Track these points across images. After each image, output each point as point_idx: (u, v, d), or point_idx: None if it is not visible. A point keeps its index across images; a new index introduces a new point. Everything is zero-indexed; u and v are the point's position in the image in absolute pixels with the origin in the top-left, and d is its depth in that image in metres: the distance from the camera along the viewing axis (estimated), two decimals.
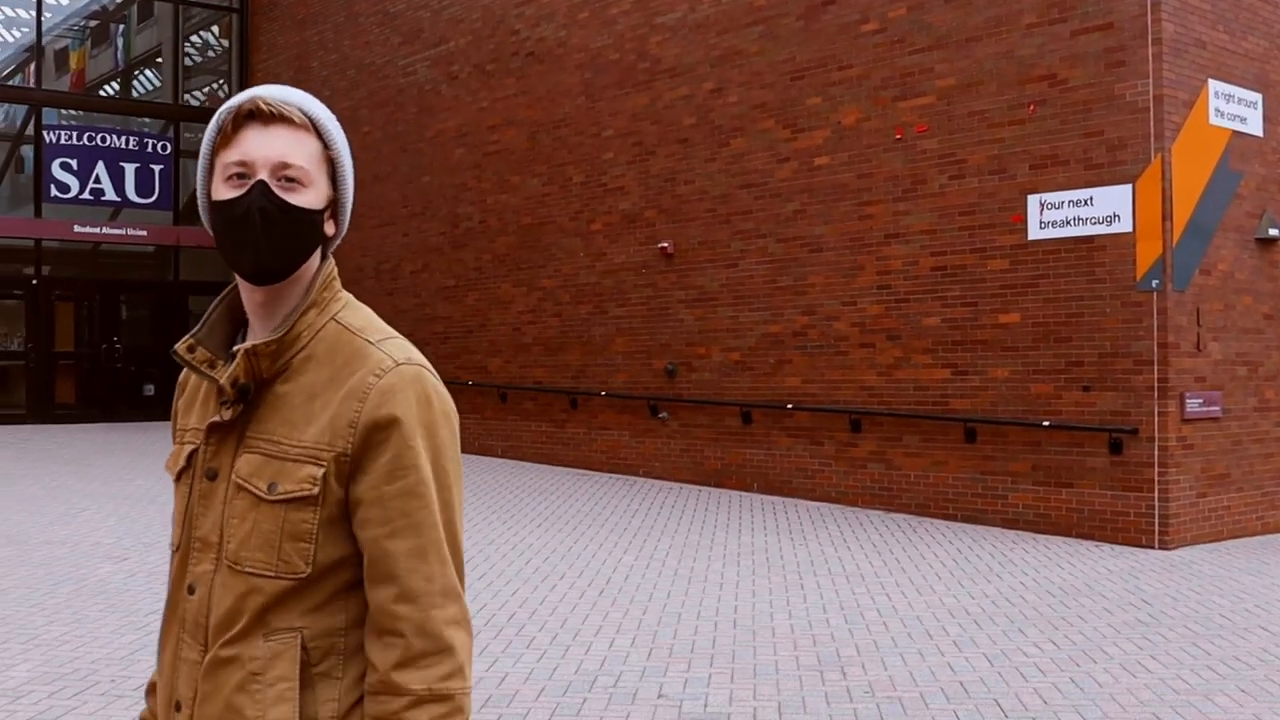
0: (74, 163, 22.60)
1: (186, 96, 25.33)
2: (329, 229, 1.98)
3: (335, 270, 2.01)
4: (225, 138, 1.90)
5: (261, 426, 1.92)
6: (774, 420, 13.87)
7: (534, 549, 10.34)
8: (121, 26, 26.70)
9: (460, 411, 1.50)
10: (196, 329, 2.00)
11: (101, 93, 26.06)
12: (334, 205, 1.98)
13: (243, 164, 1.88)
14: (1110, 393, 11.16)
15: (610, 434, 15.90)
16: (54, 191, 22.51)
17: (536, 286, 17.03)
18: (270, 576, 1.85)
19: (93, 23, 26.41)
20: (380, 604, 1.84)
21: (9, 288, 23.01)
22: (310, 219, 1.91)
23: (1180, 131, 11.04)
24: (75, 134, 22.84)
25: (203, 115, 24.90)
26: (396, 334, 2.00)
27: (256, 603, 1.86)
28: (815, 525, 11.73)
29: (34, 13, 24.01)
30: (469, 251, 18.24)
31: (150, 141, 23.60)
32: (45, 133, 22.58)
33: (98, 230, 23.08)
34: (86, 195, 22.75)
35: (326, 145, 1.94)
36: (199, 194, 1.97)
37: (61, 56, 25.80)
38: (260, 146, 1.88)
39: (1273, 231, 11.94)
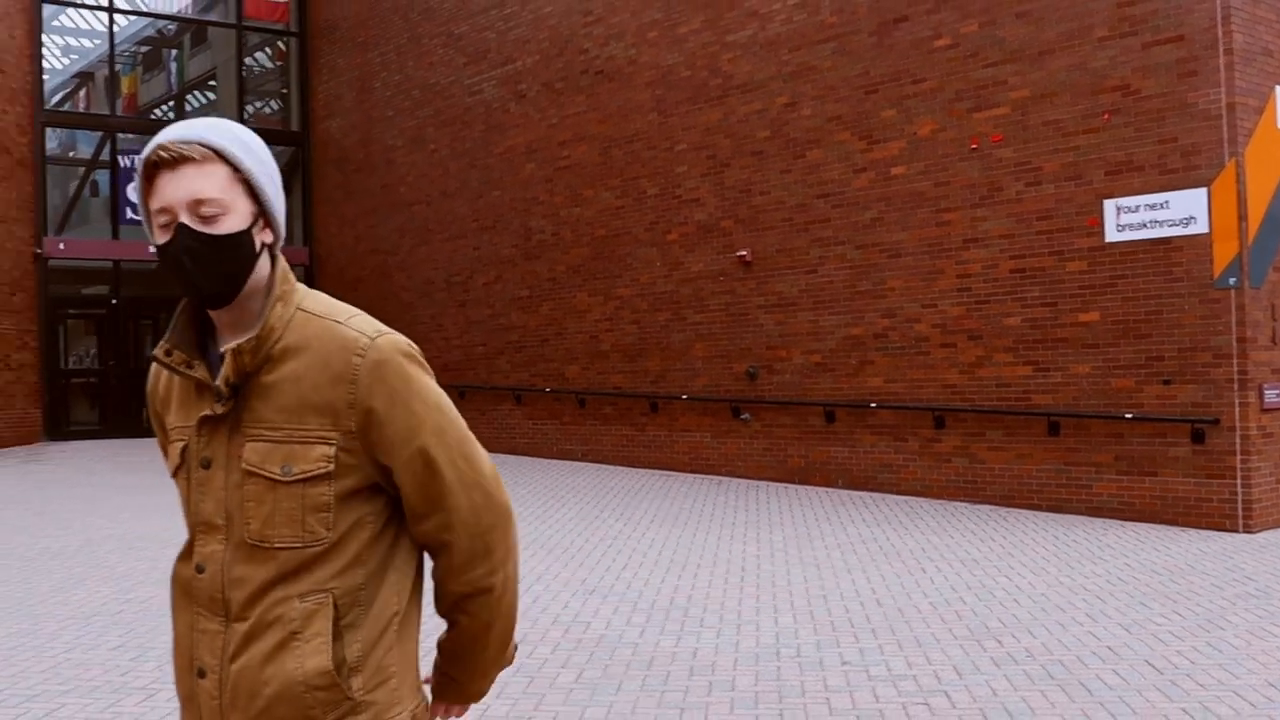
0: None
1: (248, 119, 25.98)
2: (266, 236, 2.14)
3: (287, 266, 2.18)
4: (147, 187, 2.07)
5: (257, 416, 2.10)
6: (857, 419, 14.53)
7: (659, 543, 11.01)
8: (174, 52, 27.42)
9: (538, 418, 1.96)
10: (168, 334, 2.16)
11: (152, 115, 26.79)
12: (262, 215, 2.12)
13: (163, 210, 2.04)
14: (1191, 385, 11.79)
15: (692, 435, 16.57)
16: (129, 214, 23.23)
17: (613, 296, 17.70)
18: (299, 547, 2.07)
19: (144, 48, 27.11)
20: (426, 533, 2.16)
21: (88, 308, 23.74)
22: (237, 241, 2.06)
23: (1251, 136, 11.68)
24: None
25: (269, 138, 25.58)
26: (356, 311, 2.18)
27: (286, 571, 2.07)
28: (910, 517, 12.39)
29: (84, 41, 24.76)
30: (542, 263, 18.92)
31: None
32: (120, 158, 23.30)
33: None
34: None
35: (237, 168, 2.06)
36: (149, 239, 2.14)
37: (113, 82, 26.54)
38: (172, 190, 2.03)
39: None
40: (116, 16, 24.60)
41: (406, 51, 21.89)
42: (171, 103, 27.15)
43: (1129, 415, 12.13)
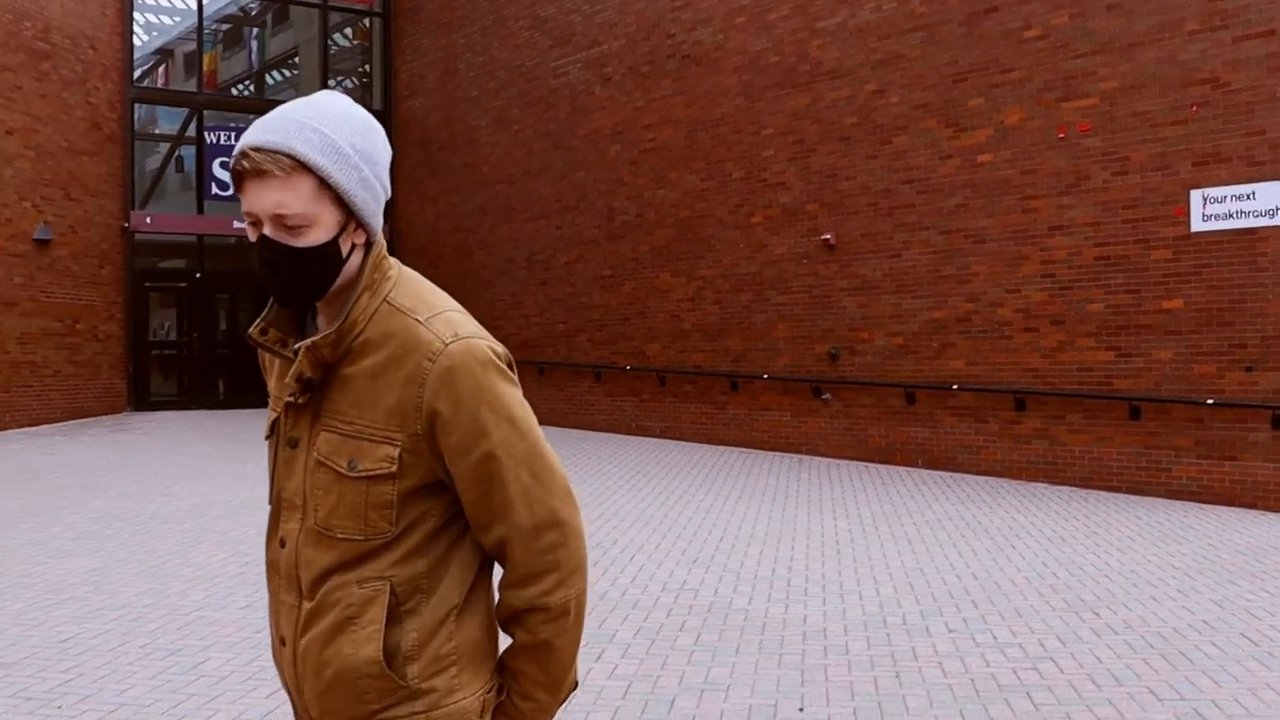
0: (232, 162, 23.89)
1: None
2: (358, 238, 2.09)
3: (383, 250, 2.14)
4: (237, 188, 2.04)
5: (333, 406, 2.10)
6: (938, 400, 14.83)
7: (750, 517, 11.39)
8: (255, 30, 27.93)
9: (618, 394, 2.06)
10: (265, 312, 2.18)
11: (237, 93, 27.34)
12: (352, 220, 2.06)
13: (249, 215, 2.03)
14: (1273, 373, 12.01)
15: (772, 414, 16.92)
16: (214, 190, 23.83)
17: (695, 276, 18.07)
18: (360, 540, 2.08)
19: (225, 26, 27.62)
20: (489, 544, 2.12)
21: (171, 281, 24.41)
22: (318, 253, 2.03)
23: None
24: (234, 135, 24.13)
25: None
26: (445, 307, 2.13)
27: (350, 559, 2.09)
28: (992, 496, 12.70)
29: (164, 18, 25.33)
30: (625, 243, 19.30)
31: None
32: (206, 133, 23.90)
33: None
34: None
35: (321, 177, 1.99)
36: None
37: (199, 58, 27.07)
38: (257, 200, 1.99)
39: None
40: None
41: (492, 33, 22.31)
42: (251, 80, 27.67)
43: (1210, 401, 12.36)
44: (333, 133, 2.00)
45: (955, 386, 14.57)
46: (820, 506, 12.04)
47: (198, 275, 23.93)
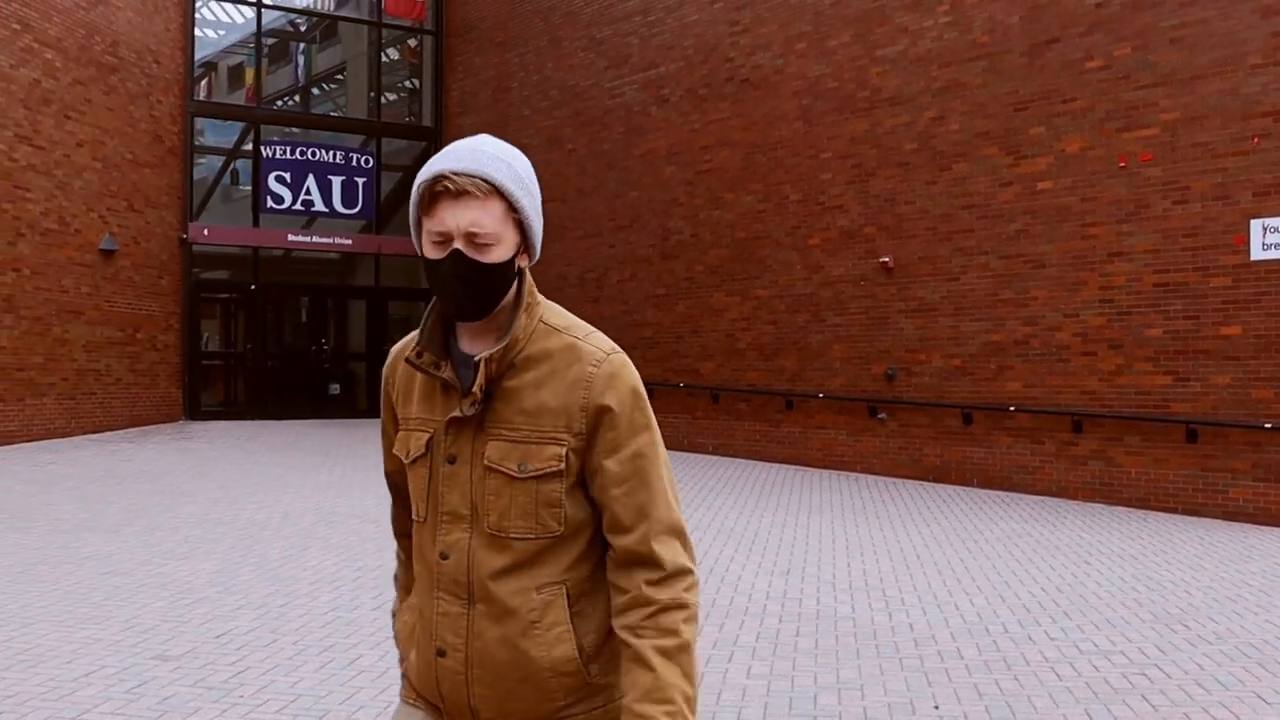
0: (288, 176, 24.40)
1: (381, 114, 26.95)
2: (524, 261, 2.31)
3: (532, 280, 2.35)
4: (424, 207, 2.24)
5: (499, 417, 2.28)
6: (994, 421, 15.22)
7: (825, 530, 11.79)
8: (302, 45, 28.37)
9: (670, 411, 2.32)
10: (419, 337, 2.35)
11: (294, 108, 27.80)
12: (523, 243, 2.30)
13: (440, 233, 2.22)
14: None
15: (827, 433, 17.33)
16: (270, 203, 24.32)
17: (751, 296, 18.49)
18: (532, 538, 2.26)
19: (270, 40, 28.05)
20: (626, 545, 2.25)
21: (228, 292, 24.90)
22: (500, 271, 2.25)
23: None
24: (289, 149, 24.62)
25: (403, 132, 26.67)
26: (591, 328, 2.36)
27: (523, 560, 2.26)
28: (1053, 515, 13.08)
29: (209, 31, 25.78)
30: (679, 263, 19.73)
31: (354, 156, 25.33)
32: (263, 147, 24.39)
33: (309, 239, 24.92)
34: (298, 206, 24.57)
35: (510, 202, 2.23)
36: (415, 244, 2.32)
37: (236, 72, 27.50)
38: (452, 218, 2.20)
39: None
40: (261, 10, 25.53)
41: (546, 53, 22.78)
42: (297, 94, 28.06)
43: (1268, 425, 12.73)
44: (517, 166, 2.25)
45: (1012, 408, 14.96)
46: (889, 522, 12.43)
47: (252, 287, 24.39)
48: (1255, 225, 12.95)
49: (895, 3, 16.47)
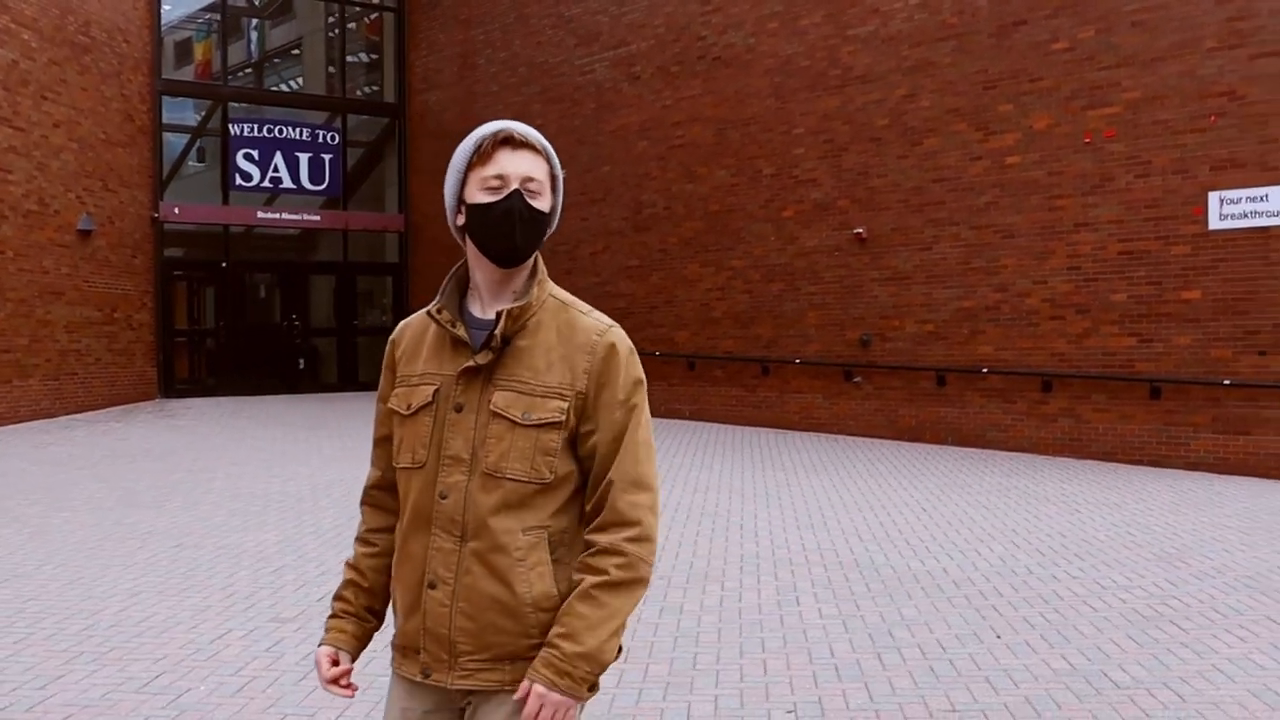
0: (255, 153, 24.77)
1: (341, 89, 27.32)
2: (550, 227, 2.63)
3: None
4: (483, 156, 2.55)
5: (509, 371, 2.53)
6: (967, 383, 16.14)
7: (827, 488, 12.63)
8: (254, 21, 28.53)
9: (648, 378, 2.66)
10: (440, 297, 2.64)
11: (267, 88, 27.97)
12: (553, 210, 2.63)
13: (499, 177, 2.53)
14: None
15: (803, 396, 18.18)
16: (238, 180, 24.68)
17: (725, 266, 19.26)
18: (525, 481, 2.50)
19: (219, 16, 28.15)
20: (599, 495, 2.54)
21: (199, 270, 25.23)
22: (545, 219, 2.59)
23: None
24: (257, 126, 24.95)
25: (367, 108, 27.09)
26: (590, 306, 2.67)
27: (512, 502, 2.50)
28: (1030, 469, 14.02)
29: (178, 8, 25.93)
30: (653, 235, 20.45)
31: (321, 133, 25.72)
32: (231, 125, 24.71)
33: (277, 216, 25.33)
34: (266, 184, 24.94)
35: (551, 167, 2.60)
36: (449, 197, 2.64)
37: (184, 48, 27.63)
38: (514, 165, 2.54)
39: None
40: None
41: (513, 30, 23.32)
42: (250, 70, 28.18)
43: (1226, 381, 13.73)
44: (551, 146, 2.65)
45: (985, 370, 15.88)
46: (883, 479, 13.30)
47: (223, 265, 24.76)
48: (1213, 197, 13.90)
49: None
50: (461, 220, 2.60)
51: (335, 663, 2.70)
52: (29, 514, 11.16)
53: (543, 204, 2.57)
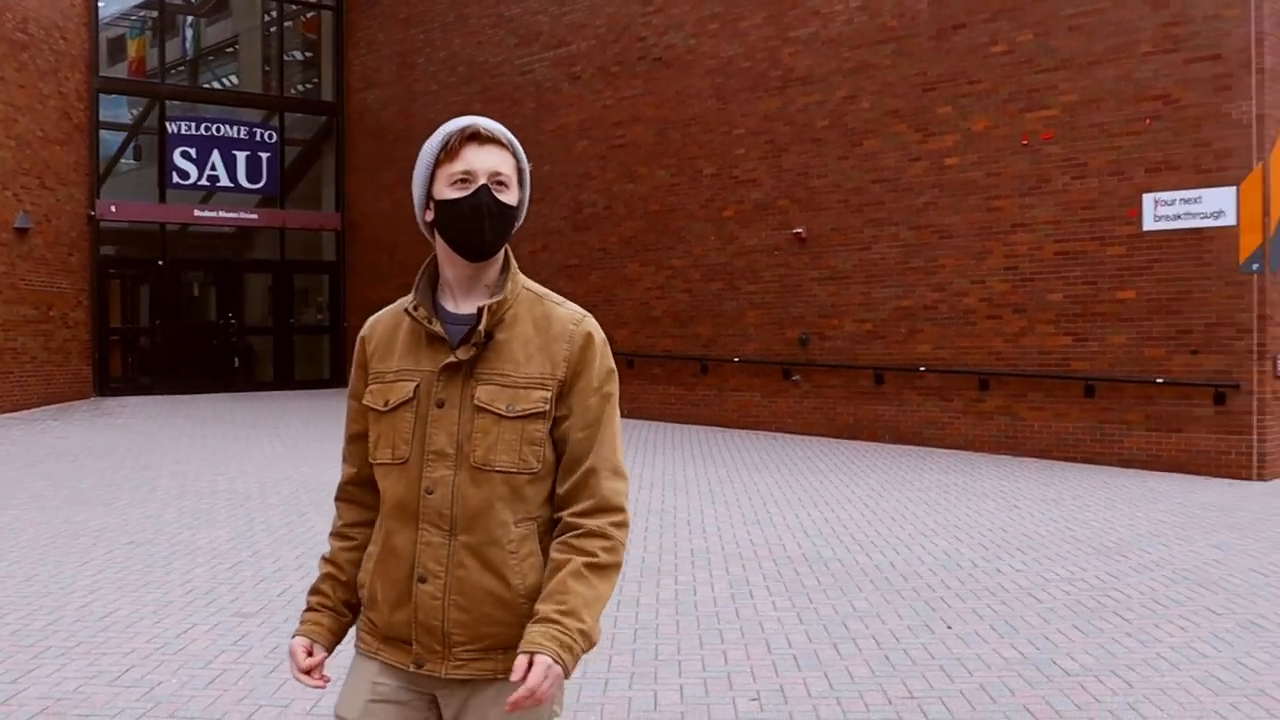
0: (193, 151, 24.57)
1: (280, 88, 27.14)
2: (517, 222, 2.65)
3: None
4: (450, 153, 2.58)
5: (490, 365, 2.57)
6: (905, 381, 16.37)
7: (769, 485, 12.78)
8: (190, 18, 28.27)
9: None
10: (414, 294, 2.65)
11: (205, 85, 27.68)
12: (520, 204, 2.64)
13: (467, 173, 2.56)
14: (1215, 355, 13.74)
15: (742, 395, 18.34)
16: (175, 179, 24.47)
17: (665, 266, 19.38)
18: (514, 472, 2.54)
19: (155, 13, 27.90)
20: (575, 480, 2.58)
21: (135, 268, 24.97)
22: (513, 212, 2.61)
23: (1275, 144, 13.61)
24: (194, 125, 24.75)
25: (305, 107, 26.98)
26: (562, 298, 2.72)
27: (503, 494, 2.54)
28: (968, 466, 14.26)
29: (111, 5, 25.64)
30: (593, 234, 20.54)
31: (258, 131, 25.56)
32: (168, 124, 24.50)
33: (214, 214, 25.14)
34: (204, 182, 24.75)
35: (518, 161, 2.63)
36: (417, 194, 2.64)
37: (118, 44, 27.33)
38: (481, 160, 2.56)
39: None
40: None
41: (453, 30, 23.31)
42: (185, 68, 27.90)
43: (1159, 380, 14.05)
44: (517, 140, 2.69)
45: (922, 368, 16.12)
46: (825, 475, 13.48)
47: (160, 263, 24.53)
48: (1147, 199, 14.21)
49: None
50: (430, 217, 2.62)
51: (310, 654, 2.72)
52: None
53: (510, 198, 2.60)
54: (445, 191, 2.56)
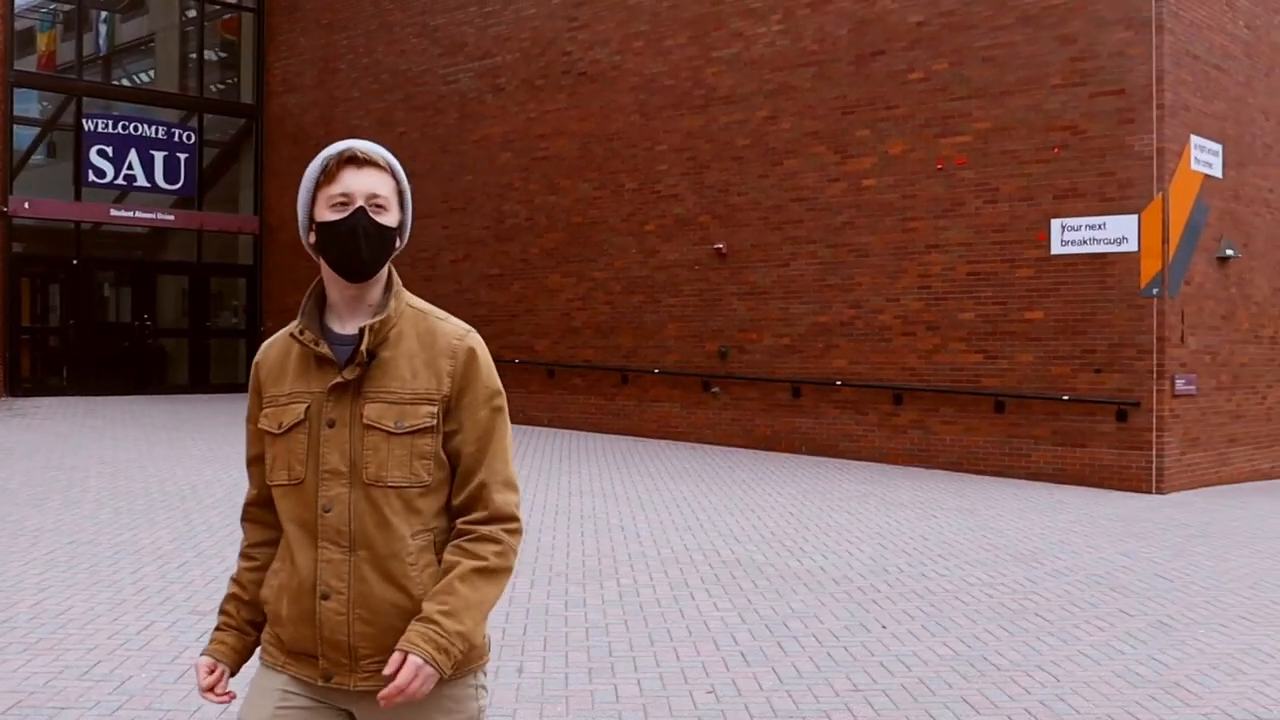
0: (110, 150, 24.43)
1: (197, 88, 27.02)
2: (399, 242, 2.72)
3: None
4: (329, 176, 2.63)
5: (377, 384, 2.63)
6: (822, 394, 16.90)
7: (696, 495, 13.19)
8: (104, 14, 27.95)
9: (506, 386, 2.77)
10: (300, 318, 2.70)
11: (123, 82, 27.42)
12: (401, 226, 2.72)
13: (345, 195, 2.61)
14: (1117, 374, 14.43)
15: (661, 406, 18.76)
16: (91, 177, 24.29)
17: (586, 277, 19.75)
18: (407, 487, 2.61)
19: (66, 7, 27.58)
20: (469, 491, 2.66)
21: (48, 267, 24.73)
22: (392, 234, 2.67)
23: (1174, 175, 14.35)
24: (111, 123, 24.60)
25: (223, 108, 26.94)
26: (446, 313, 2.78)
27: (397, 508, 2.61)
28: (883, 478, 14.81)
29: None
30: (515, 245, 20.83)
31: (177, 131, 25.47)
32: (84, 121, 24.33)
33: (131, 214, 25.01)
34: (120, 180, 24.62)
35: (398, 183, 2.70)
36: (300, 216, 2.70)
37: (27, 37, 26.99)
38: (358, 183, 2.62)
39: (1229, 252, 15.37)
40: None
41: (376, 37, 23.47)
42: (99, 64, 27.58)
43: (1065, 397, 14.71)
44: (398, 163, 2.77)
45: (839, 382, 16.66)
46: (747, 485, 13.93)
47: (74, 261, 24.34)
48: (1055, 224, 14.87)
49: (730, 9, 17.93)
50: (313, 239, 2.69)
51: (211, 671, 2.80)
52: None
53: (389, 219, 2.66)
54: (325, 214, 2.64)
